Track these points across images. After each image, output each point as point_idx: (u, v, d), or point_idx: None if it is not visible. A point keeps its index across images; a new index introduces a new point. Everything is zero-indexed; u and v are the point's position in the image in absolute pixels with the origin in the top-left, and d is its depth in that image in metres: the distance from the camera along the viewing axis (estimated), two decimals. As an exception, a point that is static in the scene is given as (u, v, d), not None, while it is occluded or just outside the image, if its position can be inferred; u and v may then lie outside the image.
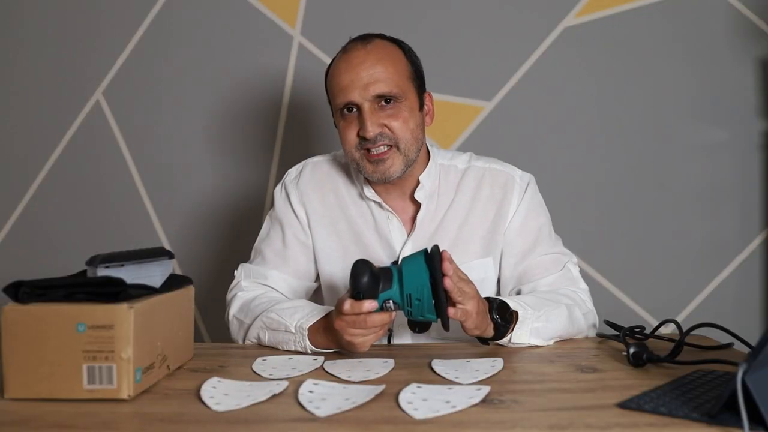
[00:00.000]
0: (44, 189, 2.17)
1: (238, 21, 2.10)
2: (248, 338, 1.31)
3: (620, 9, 2.03)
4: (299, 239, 1.44)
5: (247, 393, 0.94)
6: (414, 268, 1.09)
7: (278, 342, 1.25)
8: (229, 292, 1.42)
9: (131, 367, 0.92)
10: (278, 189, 1.49)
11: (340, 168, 1.47)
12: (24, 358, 0.92)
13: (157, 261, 1.06)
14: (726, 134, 2.03)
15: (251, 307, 1.33)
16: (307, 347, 1.20)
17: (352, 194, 1.44)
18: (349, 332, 1.11)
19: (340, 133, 1.37)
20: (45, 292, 0.94)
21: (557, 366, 1.10)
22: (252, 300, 1.35)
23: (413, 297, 1.08)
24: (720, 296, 2.04)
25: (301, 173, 1.48)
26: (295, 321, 1.22)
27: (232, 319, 1.37)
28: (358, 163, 1.36)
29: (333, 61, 1.39)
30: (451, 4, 2.06)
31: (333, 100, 1.37)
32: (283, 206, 1.47)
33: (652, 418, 0.83)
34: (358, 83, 1.31)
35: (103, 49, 2.14)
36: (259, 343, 1.29)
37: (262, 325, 1.27)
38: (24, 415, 0.87)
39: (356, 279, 1.08)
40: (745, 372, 0.76)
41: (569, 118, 2.06)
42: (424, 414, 0.86)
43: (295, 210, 1.45)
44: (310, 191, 1.45)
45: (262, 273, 1.42)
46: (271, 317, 1.26)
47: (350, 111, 1.34)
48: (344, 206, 1.44)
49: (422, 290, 1.07)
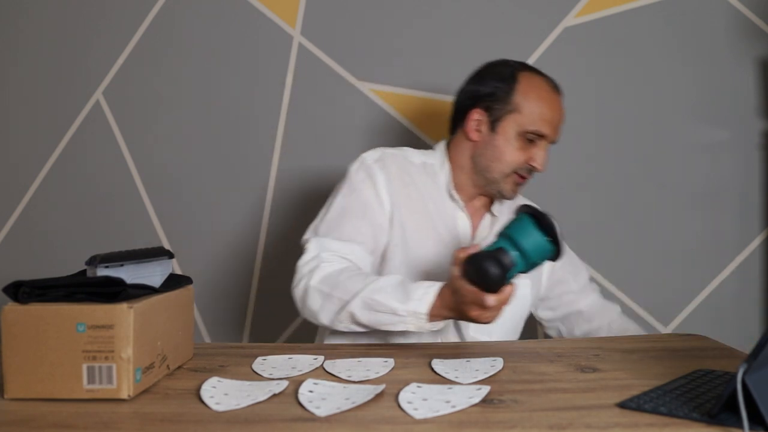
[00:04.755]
0: (44, 189, 2.17)
1: (238, 21, 2.10)
2: (341, 314, 1.29)
3: (620, 9, 2.03)
4: (377, 218, 1.43)
5: (247, 393, 0.94)
6: (532, 238, 1.11)
7: (380, 323, 1.24)
8: (307, 263, 1.37)
9: (131, 367, 0.92)
10: (357, 167, 1.47)
11: (412, 165, 1.50)
12: (24, 358, 0.92)
13: (156, 261, 1.06)
14: (726, 134, 2.03)
15: (340, 280, 1.30)
16: (424, 328, 1.22)
17: (430, 190, 1.48)
18: (486, 316, 1.13)
19: (506, 147, 1.42)
20: (45, 292, 0.94)
21: (557, 366, 1.10)
22: (339, 273, 1.32)
23: (538, 260, 1.12)
24: (720, 296, 2.04)
25: (384, 159, 1.48)
26: (407, 306, 1.21)
27: (311, 288, 1.32)
28: (504, 178, 1.44)
29: (531, 76, 1.45)
30: (451, 4, 2.06)
31: (522, 117, 1.41)
32: (365, 186, 1.44)
33: (652, 417, 0.83)
34: (556, 123, 1.44)
35: (103, 49, 2.14)
36: (352, 320, 1.28)
37: (363, 305, 1.25)
38: (24, 415, 0.87)
39: (487, 273, 1.08)
40: (745, 372, 0.76)
41: (569, 118, 2.04)
42: (424, 414, 0.85)
43: (378, 190, 1.44)
44: (394, 178, 1.46)
45: (341, 247, 1.39)
46: (375, 299, 1.24)
47: (531, 139, 1.41)
48: (424, 198, 1.47)
49: (542, 251, 1.11)
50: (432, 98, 2.07)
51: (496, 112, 1.43)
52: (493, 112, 1.44)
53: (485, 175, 1.46)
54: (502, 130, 1.43)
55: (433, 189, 1.48)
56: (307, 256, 1.38)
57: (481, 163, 1.46)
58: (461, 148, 1.49)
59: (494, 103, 1.44)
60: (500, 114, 1.43)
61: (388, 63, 2.08)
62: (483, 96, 1.45)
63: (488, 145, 1.44)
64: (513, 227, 1.13)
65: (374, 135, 2.08)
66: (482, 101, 1.45)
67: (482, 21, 2.06)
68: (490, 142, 1.44)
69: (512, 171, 1.43)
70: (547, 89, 1.45)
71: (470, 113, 1.46)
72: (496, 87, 1.44)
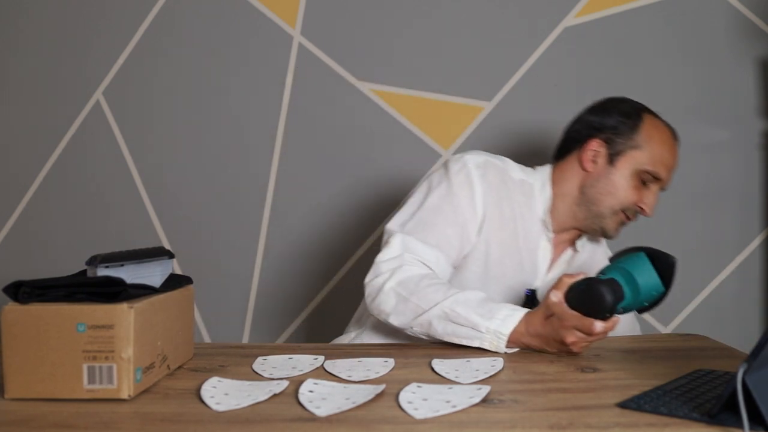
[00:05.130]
0: (44, 189, 2.17)
1: (238, 21, 2.10)
2: (416, 320, 1.26)
3: (620, 9, 2.03)
4: (467, 228, 1.39)
5: (247, 393, 0.94)
6: (647, 276, 1.13)
7: (457, 335, 1.22)
8: (388, 262, 1.33)
9: (131, 367, 0.92)
10: (458, 169, 1.41)
11: (511, 180, 1.45)
12: (24, 358, 0.92)
13: (157, 260, 1.06)
14: (726, 134, 2.03)
15: (421, 287, 1.27)
16: (501, 349, 1.19)
17: (523, 210, 1.43)
18: (580, 345, 1.14)
19: (621, 183, 1.40)
20: (45, 292, 0.94)
21: (557, 366, 1.10)
22: (420, 278, 1.29)
23: (644, 301, 1.14)
24: (720, 296, 2.04)
25: (486, 167, 1.42)
26: (489, 324, 1.19)
27: (388, 288, 1.29)
28: (611, 215, 1.41)
29: (655, 119, 1.44)
30: (451, 4, 2.06)
31: (643, 155, 1.40)
32: (463, 191, 1.39)
33: (652, 417, 0.83)
34: (671, 170, 1.42)
35: (103, 49, 2.14)
36: (426, 328, 1.25)
37: (443, 315, 1.23)
38: (24, 415, 0.87)
39: (602, 299, 1.08)
40: (745, 372, 0.76)
41: (569, 118, 2.05)
42: (424, 414, 0.85)
43: (474, 198, 1.39)
44: (492, 189, 1.41)
45: (426, 252, 1.35)
46: (456, 311, 1.21)
47: (645, 180, 1.40)
48: (516, 217, 1.42)
49: (653, 293, 1.14)
50: (432, 98, 2.07)
51: (617, 146, 1.41)
52: (613, 145, 1.41)
53: (592, 208, 1.42)
54: (621, 165, 1.40)
55: (525, 210, 1.43)
56: (389, 253, 1.34)
57: (591, 194, 1.42)
58: (570, 175, 1.46)
59: (617, 137, 1.41)
60: (621, 149, 1.40)
61: (388, 63, 2.08)
62: (606, 128, 1.42)
63: (602, 178, 1.41)
64: (629, 262, 1.14)
65: (374, 135, 2.09)
66: (604, 133, 1.42)
67: (482, 21, 2.06)
68: (605, 174, 1.41)
69: (621, 209, 1.41)
70: (669, 135, 1.43)
71: (589, 142, 1.43)
72: (620, 122, 1.42)
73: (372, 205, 2.09)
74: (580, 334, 1.11)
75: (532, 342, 1.17)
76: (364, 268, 1.36)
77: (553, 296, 1.14)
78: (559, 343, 1.14)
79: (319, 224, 2.11)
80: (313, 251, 2.12)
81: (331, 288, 2.11)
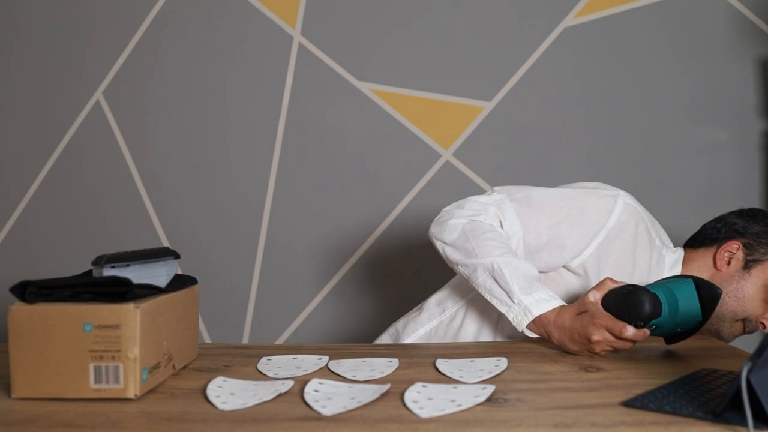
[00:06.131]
0: (44, 189, 2.17)
1: (238, 21, 2.10)
2: (465, 261, 1.27)
3: (620, 9, 2.04)
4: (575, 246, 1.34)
5: (253, 392, 0.95)
6: (689, 301, 1.14)
7: (491, 292, 1.23)
8: (474, 204, 1.34)
9: (138, 367, 0.92)
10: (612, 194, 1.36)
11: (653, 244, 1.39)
12: (31, 358, 0.92)
13: (162, 261, 1.06)
14: (726, 134, 2.04)
15: (485, 237, 1.28)
16: (521, 326, 1.19)
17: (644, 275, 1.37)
18: (604, 347, 1.13)
19: (751, 291, 1.33)
20: (51, 291, 0.94)
21: (561, 365, 1.10)
22: (490, 229, 1.30)
23: (678, 326, 1.15)
24: (719, 295, 2.04)
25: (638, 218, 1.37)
26: (524, 298, 1.19)
27: (460, 224, 1.31)
28: (732, 322, 1.34)
29: None
30: (451, 4, 2.07)
31: None
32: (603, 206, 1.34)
33: (656, 416, 0.84)
34: None
35: (103, 49, 2.14)
36: (470, 274, 1.27)
37: (489, 268, 1.23)
38: (31, 414, 0.87)
39: (641, 305, 1.10)
40: (749, 370, 0.76)
41: (569, 118, 2.06)
42: (429, 413, 0.86)
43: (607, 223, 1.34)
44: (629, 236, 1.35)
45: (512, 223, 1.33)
46: (502, 271, 1.22)
47: None
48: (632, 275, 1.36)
49: (690, 320, 1.15)
50: (432, 98, 2.07)
51: (756, 254, 1.36)
52: (752, 252, 1.36)
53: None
54: (756, 273, 1.34)
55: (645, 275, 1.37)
56: (482, 200, 1.35)
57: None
58: (699, 268, 1.40)
59: (758, 245, 1.36)
60: (760, 257, 1.36)
61: (388, 63, 2.09)
62: (748, 233, 1.38)
63: (733, 281, 1.35)
64: (676, 284, 1.15)
65: (374, 135, 2.09)
66: (746, 237, 1.38)
67: (482, 21, 2.06)
68: (736, 278, 1.35)
69: (743, 318, 1.34)
70: None
71: (728, 243, 1.38)
72: (765, 231, 1.38)
73: (372, 205, 2.09)
74: (607, 335, 1.11)
75: (555, 333, 1.17)
76: (364, 268, 1.37)
77: (591, 296, 1.14)
78: (584, 339, 1.13)
79: (319, 224, 2.11)
80: (313, 251, 2.12)
81: (331, 288, 2.11)
